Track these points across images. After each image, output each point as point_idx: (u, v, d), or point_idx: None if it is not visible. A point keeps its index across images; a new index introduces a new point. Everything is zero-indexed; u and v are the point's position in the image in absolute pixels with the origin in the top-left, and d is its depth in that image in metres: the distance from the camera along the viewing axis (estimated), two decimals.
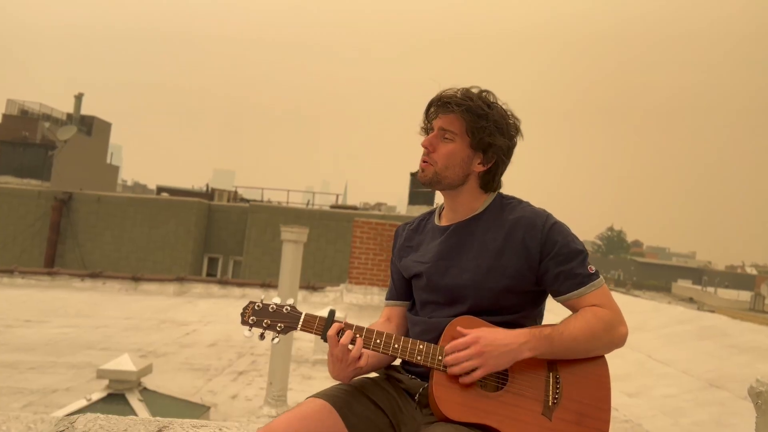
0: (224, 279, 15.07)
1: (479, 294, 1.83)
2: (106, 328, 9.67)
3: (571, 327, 1.76)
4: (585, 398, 1.74)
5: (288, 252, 6.33)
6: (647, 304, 12.71)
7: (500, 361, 1.69)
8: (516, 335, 1.72)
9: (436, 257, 1.93)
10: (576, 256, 1.82)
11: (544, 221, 1.85)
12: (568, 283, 1.81)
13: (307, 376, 7.50)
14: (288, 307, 1.82)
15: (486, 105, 1.86)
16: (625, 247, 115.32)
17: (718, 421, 5.43)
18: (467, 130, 1.85)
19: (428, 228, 2.05)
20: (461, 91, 1.88)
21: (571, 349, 1.75)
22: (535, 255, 1.82)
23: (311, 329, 1.80)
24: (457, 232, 1.93)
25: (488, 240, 1.87)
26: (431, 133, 1.92)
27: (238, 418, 5.71)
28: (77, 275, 14.35)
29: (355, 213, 21.45)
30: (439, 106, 1.88)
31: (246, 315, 1.81)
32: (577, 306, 1.82)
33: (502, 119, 1.87)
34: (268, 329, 1.80)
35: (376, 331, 1.80)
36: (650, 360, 7.75)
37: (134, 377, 4.80)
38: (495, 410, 1.70)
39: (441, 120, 1.88)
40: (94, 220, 21.45)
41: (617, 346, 1.80)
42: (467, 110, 1.83)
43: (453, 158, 1.87)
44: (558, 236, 1.83)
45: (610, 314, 1.79)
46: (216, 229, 22.05)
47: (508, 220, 1.87)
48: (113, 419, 2.74)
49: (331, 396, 1.78)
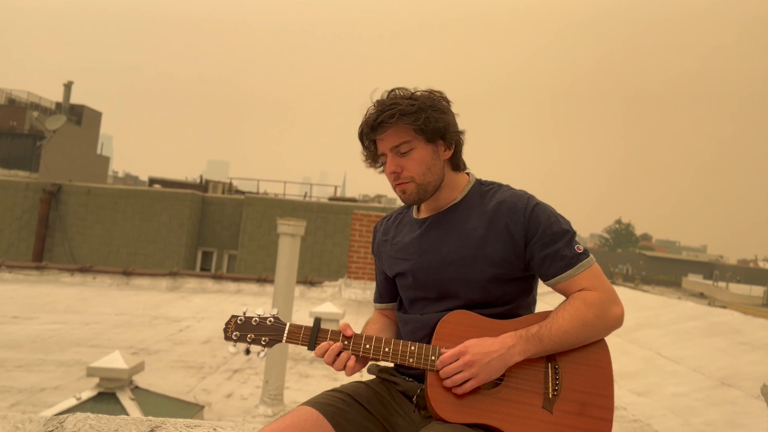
0: (219, 274, 15.05)
1: (468, 286, 1.83)
2: (96, 324, 9.66)
3: (560, 320, 1.74)
4: (586, 387, 1.74)
5: (285, 246, 6.32)
6: (656, 299, 12.70)
7: (491, 369, 1.69)
8: (503, 340, 1.71)
9: (417, 252, 1.91)
10: (561, 237, 1.81)
11: (526, 203, 1.83)
12: (555, 265, 1.80)
13: (304, 375, 7.49)
14: (272, 319, 1.81)
15: (410, 98, 1.84)
16: (634, 240, 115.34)
17: (730, 421, 5.43)
18: (416, 131, 1.82)
19: (406, 221, 2.04)
20: (377, 104, 1.85)
21: (563, 343, 1.74)
22: (519, 240, 1.81)
23: (296, 341, 1.79)
24: (436, 224, 1.92)
25: (469, 229, 1.86)
26: (382, 159, 1.89)
27: (233, 418, 5.71)
28: (66, 270, 14.33)
29: (354, 205, 21.42)
30: (372, 130, 1.85)
31: (229, 330, 1.81)
32: (568, 289, 1.81)
33: (432, 101, 1.85)
34: (252, 344, 1.80)
35: (365, 336, 1.79)
36: (659, 357, 7.75)
37: (125, 375, 4.79)
38: (494, 408, 1.70)
39: (385, 140, 1.85)
40: (84, 213, 21.45)
41: (613, 328, 1.79)
42: (401, 115, 1.80)
43: (424, 162, 1.85)
44: (542, 217, 1.82)
45: (600, 297, 1.77)
46: (210, 222, 22.06)
47: (489, 207, 1.86)
48: (104, 419, 2.74)
49: (323, 404, 1.77)
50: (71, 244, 21.18)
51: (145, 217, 21.43)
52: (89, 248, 21.19)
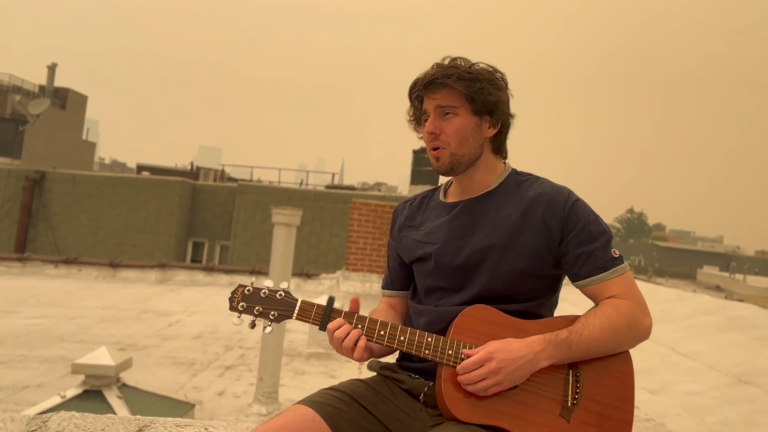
0: (210, 265, 15.06)
1: (494, 277, 1.81)
2: (81, 318, 9.68)
3: (590, 326, 1.73)
4: (607, 398, 1.73)
5: (279, 236, 6.31)
6: (670, 292, 12.70)
7: (517, 376, 1.68)
8: (530, 344, 1.70)
9: (445, 237, 1.90)
10: (599, 237, 1.80)
11: (566, 197, 1.83)
12: (588, 266, 1.79)
13: (300, 371, 7.51)
14: (282, 293, 1.80)
15: (469, 68, 1.86)
16: (647, 230, 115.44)
17: (747, 420, 5.44)
18: (466, 98, 1.83)
19: (432, 205, 2.03)
20: (436, 66, 1.87)
21: (591, 351, 1.73)
22: (555, 234, 1.80)
23: (308, 319, 1.78)
24: (468, 210, 1.91)
25: (503, 218, 1.85)
26: (425, 117, 1.89)
27: (225, 417, 5.72)
28: (50, 261, 14.35)
29: (352, 193, 21.43)
30: (424, 87, 1.86)
31: (235, 300, 1.80)
32: (598, 294, 1.80)
33: (491, 75, 1.87)
34: (259, 317, 1.79)
35: (380, 321, 1.78)
36: (674, 353, 7.76)
37: (112, 372, 4.80)
38: (509, 411, 1.68)
39: (433, 100, 1.86)
40: (69, 202, 21.46)
41: (641, 340, 1.79)
42: (458, 78, 1.82)
43: (464, 131, 1.85)
44: (581, 214, 1.82)
45: (632, 306, 1.77)
46: (201, 211, 22.06)
47: (527, 197, 1.85)
48: (89, 418, 2.74)
49: (320, 404, 1.75)
50: (55, 235, 21.20)
51: (132, 206, 21.43)
52: (74, 239, 21.21)
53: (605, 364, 1.76)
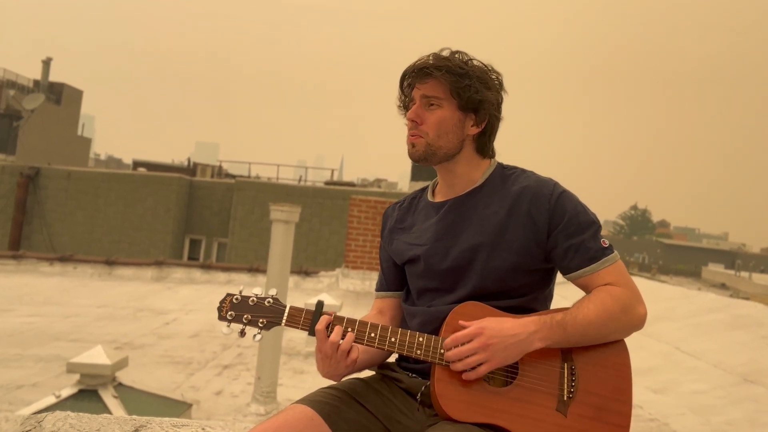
0: (208, 263, 15.06)
1: (484, 275, 1.82)
2: (77, 317, 9.68)
3: (585, 310, 1.74)
4: (603, 390, 1.73)
5: (278, 233, 6.31)
6: (675, 290, 12.70)
7: (508, 354, 1.68)
8: (524, 324, 1.71)
9: (433, 238, 1.91)
10: (587, 228, 1.81)
11: (552, 190, 1.84)
12: (579, 257, 1.80)
13: (298, 371, 7.51)
14: (270, 300, 1.81)
15: (463, 63, 1.87)
16: (651, 227, 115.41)
17: (752, 420, 5.44)
18: (452, 92, 1.84)
19: (421, 206, 2.04)
20: (433, 55, 1.88)
21: (586, 335, 1.74)
22: (542, 227, 1.81)
23: (297, 324, 1.78)
24: (455, 208, 1.92)
25: (489, 215, 1.86)
26: (412, 104, 1.91)
27: (222, 417, 5.73)
28: (45, 259, 14.34)
29: (352, 190, 21.42)
30: (415, 75, 1.88)
31: (223, 309, 1.80)
32: (590, 284, 1.81)
33: (484, 74, 1.88)
34: (248, 325, 1.79)
35: (370, 323, 1.79)
36: (678, 352, 7.75)
37: (108, 371, 4.80)
38: (504, 408, 1.69)
39: (421, 89, 1.88)
40: (64, 198, 21.44)
41: (636, 328, 1.80)
42: (447, 71, 1.83)
43: (444, 125, 1.86)
44: (568, 206, 1.82)
45: (626, 293, 1.78)
46: (198, 208, 22.06)
47: (512, 192, 1.87)
48: (85, 418, 2.74)
49: (318, 402, 1.76)
50: (50, 232, 21.19)
51: (129, 203, 21.42)
52: (70, 236, 21.19)
53: (601, 355, 1.77)
